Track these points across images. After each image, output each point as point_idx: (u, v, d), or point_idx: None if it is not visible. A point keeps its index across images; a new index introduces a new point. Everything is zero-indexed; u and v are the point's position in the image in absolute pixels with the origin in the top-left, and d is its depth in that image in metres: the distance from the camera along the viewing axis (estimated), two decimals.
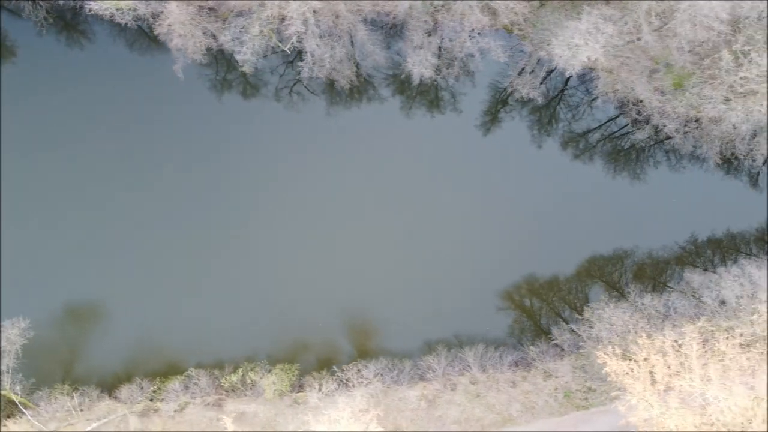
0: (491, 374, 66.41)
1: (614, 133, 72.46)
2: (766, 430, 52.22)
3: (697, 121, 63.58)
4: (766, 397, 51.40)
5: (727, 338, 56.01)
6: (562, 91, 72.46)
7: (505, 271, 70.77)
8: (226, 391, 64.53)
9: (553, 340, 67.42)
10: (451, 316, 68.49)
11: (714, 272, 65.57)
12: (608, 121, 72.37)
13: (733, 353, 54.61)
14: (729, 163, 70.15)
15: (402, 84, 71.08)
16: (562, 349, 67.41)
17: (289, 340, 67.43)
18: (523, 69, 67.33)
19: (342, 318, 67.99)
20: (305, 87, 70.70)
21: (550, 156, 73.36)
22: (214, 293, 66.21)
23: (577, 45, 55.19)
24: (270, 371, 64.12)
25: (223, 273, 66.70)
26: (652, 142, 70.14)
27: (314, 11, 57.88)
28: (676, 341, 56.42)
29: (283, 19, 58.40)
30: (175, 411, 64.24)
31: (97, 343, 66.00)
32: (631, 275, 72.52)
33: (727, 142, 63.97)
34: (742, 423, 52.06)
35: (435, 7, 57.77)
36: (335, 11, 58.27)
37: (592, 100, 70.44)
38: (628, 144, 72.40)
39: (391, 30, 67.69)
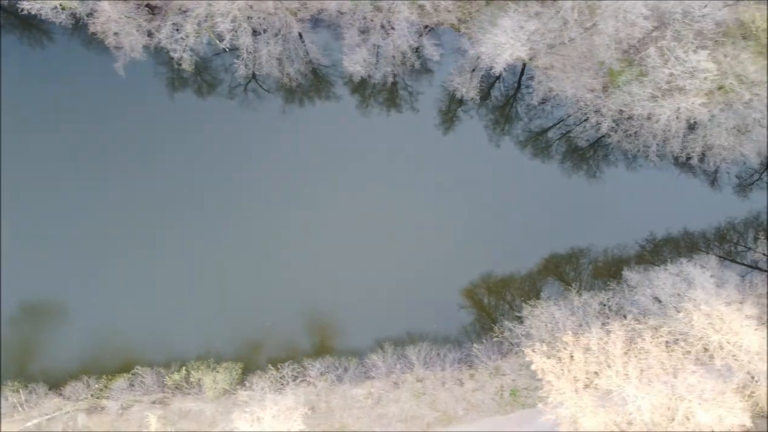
0: (438, 372, 66.45)
1: (568, 132, 72.36)
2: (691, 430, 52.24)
3: (629, 118, 63.37)
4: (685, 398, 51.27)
5: (654, 337, 55.85)
6: (518, 89, 72.39)
7: (461, 270, 70.84)
8: (172, 389, 64.78)
9: (495, 337, 67.31)
10: (405, 314, 68.74)
11: (653, 270, 65.16)
12: (560, 121, 72.50)
13: (657, 352, 54.38)
14: (688, 162, 70.30)
15: (357, 83, 70.98)
16: (510, 346, 67.30)
17: (242, 339, 67.72)
18: (462, 68, 67.20)
19: (295, 316, 68.15)
20: (259, 85, 71.03)
21: (508, 155, 73.52)
22: (167, 292, 66.74)
23: (501, 43, 55.12)
24: (214, 369, 64.23)
25: (177, 271, 67.21)
26: (593, 141, 70.17)
27: (249, 8, 58.25)
28: (601, 339, 56.32)
29: (213, 16, 58.63)
30: (123, 409, 64.64)
31: (52, 340, 66.65)
32: (582, 273, 72.70)
33: (663, 140, 63.63)
34: (662, 422, 51.98)
35: (373, 7, 57.86)
36: (267, 9, 58.48)
37: (544, 100, 70.40)
38: (582, 143, 72.44)
39: (329, 28, 67.90)
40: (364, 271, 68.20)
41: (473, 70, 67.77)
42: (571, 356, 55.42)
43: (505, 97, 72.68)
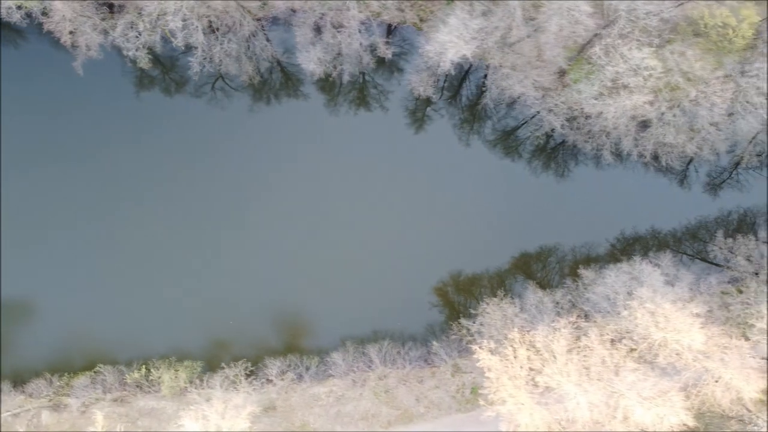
0: (400, 370, 66.49)
1: (530, 131, 72.18)
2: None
3: (587, 117, 63.25)
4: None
5: (600, 335, 55.80)
6: (483, 89, 72.30)
7: (429, 268, 71.01)
8: (132, 387, 65.20)
9: (454, 335, 67.38)
10: (370, 312, 69.03)
11: (607, 269, 64.98)
12: (521, 120, 72.40)
13: (601, 349, 54.30)
14: (656, 161, 70.40)
15: (325, 81, 71.18)
16: (468, 344, 67.26)
17: (206, 338, 68.16)
18: (418, 67, 67.28)
19: (262, 315, 68.57)
20: (227, 84, 71.42)
21: (476, 154, 73.59)
22: (134, 290, 67.11)
23: (445, 41, 55.27)
24: (175, 367, 64.59)
25: (145, 270, 67.66)
26: (557, 140, 70.25)
27: (200, 6, 58.63)
28: (547, 336, 56.30)
29: (165, 14, 59.06)
30: (85, 406, 65.16)
31: (18, 337, 67.30)
32: (550, 271, 72.77)
33: (615, 139, 63.51)
34: (602, 420, 51.93)
35: (322, 5, 58.13)
36: (217, 7, 58.87)
37: (513, 101, 70.34)
38: (545, 142, 72.43)
39: (291, 26, 68.05)
40: (330, 269, 68.44)
41: (428, 69, 67.68)
42: (515, 353, 55.36)
43: (466, 97, 72.75)
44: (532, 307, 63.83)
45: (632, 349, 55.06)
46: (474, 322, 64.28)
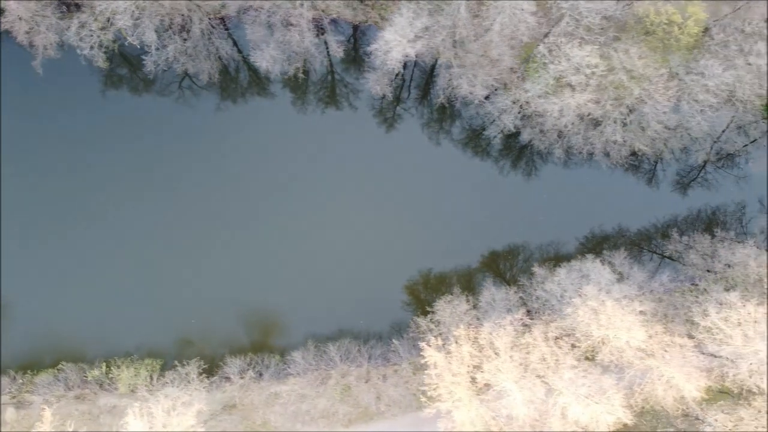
0: (362, 368, 66.74)
1: (487, 130, 72.28)
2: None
3: (541, 116, 63.26)
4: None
5: (544, 332, 55.88)
6: (438, 89, 72.34)
7: (398, 267, 71.16)
8: (93, 385, 65.63)
9: (413, 333, 67.55)
10: (337, 311, 69.08)
11: (560, 266, 65.04)
12: (482, 120, 72.46)
13: (544, 346, 54.39)
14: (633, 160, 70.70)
15: (293, 80, 71.55)
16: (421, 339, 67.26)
17: (171, 336, 68.24)
18: (375, 65, 67.39)
19: (228, 313, 68.57)
20: (194, 83, 71.87)
21: (445, 154, 73.81)
22: (102, 289, 67.55)
23: (389, 40, 55.56)
24: (135, 366, 65.01)
25: (112, 269, 68.07)
26: (511, 139, 70.36)
27: (149, 5, 59.12)
28: (491, 333, 56.37)
29: (116, 13, 59.55)
30: (48, 404, 65.38)
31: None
32: (515, 269, 72.90)
33: (566, 137, 63.54)
34: (539, 417, 52.07)
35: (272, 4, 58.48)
36: (167, 6, 59.34)
37: (469, 100, 70.23)
38: (503, 141, 72.54)
39: (241, 24, 68.36)
40: (297, 268, 68.86)
41: (384, 68, 67.79)
42: (459, 350, 55.46)
43: (424, 96, 72.91)
44: (485, 305, 64.10)
45: (574, 347, 55.12)
46: (425, 320, 64.55)
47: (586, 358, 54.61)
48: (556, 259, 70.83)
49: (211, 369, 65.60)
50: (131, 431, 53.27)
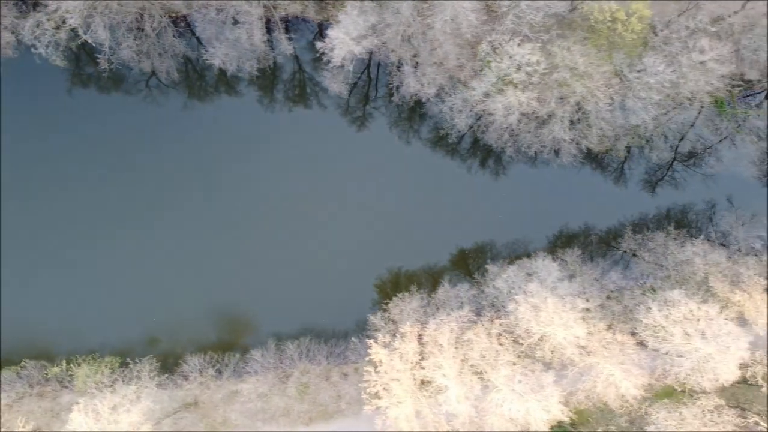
0: (323, 367, 66.93)
1: (448, 130, 72.13)
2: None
3: (491, 115, 63.19)
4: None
5: (487, 329, 55.96)
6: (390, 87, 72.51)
7: (364, 266, 71.35)
8: (54, 382, 66.09)
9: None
10: (301, 310, 69.11)
11: (511, 264, 64.99)
12: (437, 119, 72.37)
13: (487, 343, 54.45)
14: (596, 159, 70.91)
15: (258, 78, 71.87)
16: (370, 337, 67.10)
17: (137, 334, 68.46)
18: (329, 63, 67.52)
19: (194, 312, 68.65)
20: (160, 81, 72.35)
21: (414, 152, 73.90)
22: (67, 287, 68.10)
23: (333, 37, 55.86)
24: (96, 364, 65.37)
25: (81, 266, 68.46)
26: (462, 137, 70.50)
27: (100, 5, 59.70)
28: (435, 330, 56.48)
29: (69, 12, 60.07)
30: (12, 401, 66.19)
31: None
32: (481, 267, 72.83)
33: (515, 135, 63.52)
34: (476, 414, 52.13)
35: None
36: (117, 6, 59.89)
37: (424, 99, 69.94)
38: (460, 139, 72.70)
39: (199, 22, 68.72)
40: (262, 267, 69.16)
41: (341, 66, 68.02)
42: (404, 347, 55.62)
43: (381, 95, 73.13)
44: (438, 302, 64.20)
45: (516, 343, 55.14)
46: (377, 317, 64.70)
47: (527, 356, 54.60)
48: (518, 257, 70.69)
49: (174, 367, 65.92)
50: (71, 430, 53.37)
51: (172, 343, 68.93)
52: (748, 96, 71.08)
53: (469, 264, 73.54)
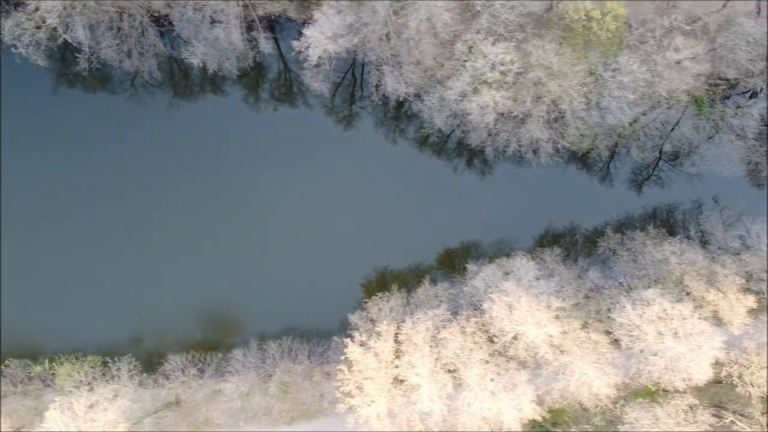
0: (305, 366, 67.04)
1: (428, 130, 72.12)
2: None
3: (469, 114, 63.16)
4: None
5: (462, 327, 55.95)
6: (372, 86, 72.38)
7: (350, 265, 71.36)
8: (37, 381, 66.33)
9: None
10: (286, 310, 69.38)
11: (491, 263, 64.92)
12: (417, 118, 72.33)
13: (461, 341, 54.43)
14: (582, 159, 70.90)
15: (247, 77, 72.29)
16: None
17: (122, 334, 68.76)
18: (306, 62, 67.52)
19: (179, 311, 68.99)
20: (146, 81, 72.55)
21: (403, 152, 73.95)
22: (57, 287, 68.26)
23: (308, 36, 56.02)
24: (79, 362, 65.58)
25: (63, 265, 68.72)
26: (444, 137, 70.53)
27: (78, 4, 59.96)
28: (411, 328, 56.45)
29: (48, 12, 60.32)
30: None
31: None
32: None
33: (492, 135, 63.51)
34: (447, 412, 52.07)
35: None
36: (94, 6, 60.15)
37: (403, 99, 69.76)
38: (455, 141, 72.72)
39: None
40: (247, 266, 69.40)
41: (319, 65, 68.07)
42: (380, 346, 55.61)
43: (360, 93, 73.24)
44: (417, 301, 64.24)
45: (491, 342, 55.08)
46: (357, 317, 64.74)
47: (500, 355, 54.56)
48: (505, 255, 70.61)
49: (157, 366, 66.12)
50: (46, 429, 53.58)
51: (155, 342, 69.19)
52: (731, 96, 70.96)
53: (455, 263, 73.53)
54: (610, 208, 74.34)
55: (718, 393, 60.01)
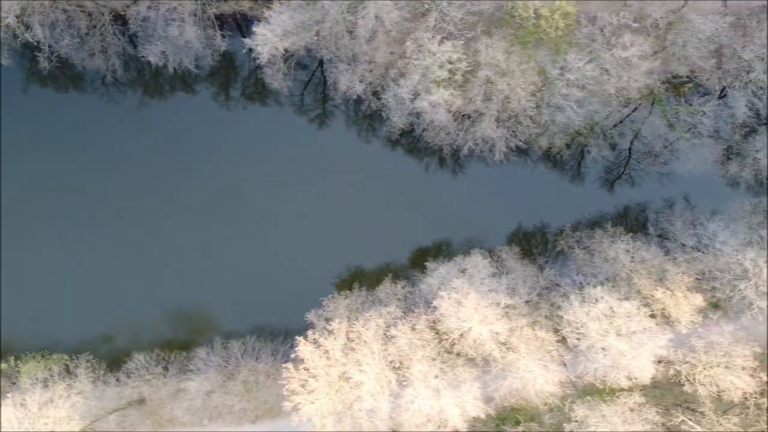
0: (270, 364, 67.20)
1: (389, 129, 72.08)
2: None
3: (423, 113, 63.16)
4: None
5: (413, 325, 56.13)
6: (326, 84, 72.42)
7: (320, 264, 71.50)
8: (5, 379, 66.81)
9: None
10: (257, 308, 69.73)
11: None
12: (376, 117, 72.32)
13: (408, 338, 54.59)
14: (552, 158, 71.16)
15: (213, 76, 72.64)
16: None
17: (91, 332, 69.24)
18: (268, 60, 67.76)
19: (148, 310, 69.34)
20: (116, 79, 72.90)
21: (368, 151, 74.25)
22: (26, 284, 68.75)
23: (257, 34, 56.30)
24: (44, 360, 66.03)
25: (31, 263, 69.19)
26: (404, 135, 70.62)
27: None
28: (363, 326, 56.57)
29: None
30: None
31: None
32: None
33: (449, 133, 63.58)
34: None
35: None
36: (49, 5, 60.53)
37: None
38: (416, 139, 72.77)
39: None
40: (218, 266, 69.71)
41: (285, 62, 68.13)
42: (331, 344, 55.77)
43: (320, 92, 73.47)
44: (376, 299, 64.38)
45: (440, 339, 55.22)
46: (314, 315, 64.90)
47: (447, 352, 54.70)
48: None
49: (122, 364, 66.29)
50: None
51: (124, 340, 69.55)
52: (697, 94, 70.56)
53: (429, 261, 73.65)
54: (584, 207, 74.59)
55: (683, 393, 59.74)
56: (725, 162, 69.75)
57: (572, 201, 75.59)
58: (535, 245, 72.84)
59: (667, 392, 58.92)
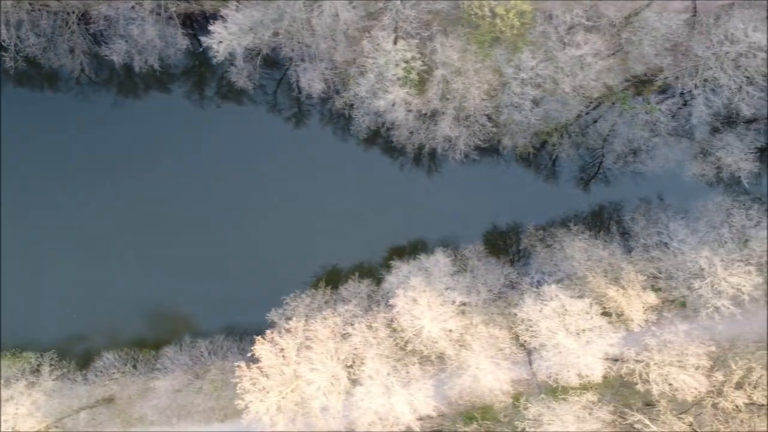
0: (230, 363, 67.18)
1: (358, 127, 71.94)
2: None
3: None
4: None
5: (370, 323, 56.28)
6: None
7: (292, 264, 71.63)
8: None
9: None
10: (231, 306, 69.77)
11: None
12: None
13: (363, 336, 54.75)
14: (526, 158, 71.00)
15: (183, 75, 73.10)
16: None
17: (62, 330, 69.64)
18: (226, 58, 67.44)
19: (123, 309, 69.60)
20: (90, 79, 73.23)
21: (340, 150, 74.22)
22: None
23: (214, 32, 56.55)
24: (12, 359, 66.35)
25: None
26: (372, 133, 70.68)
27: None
28: (320, 324, 56.74)
29: None
30: None
31: None
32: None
33: (411, 132, 63.68)
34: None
35: None
36: (9, 5, 60.91)
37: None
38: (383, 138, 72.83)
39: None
40: (192, 265, 70.06)
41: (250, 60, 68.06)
42: (286, 343, 55.95)
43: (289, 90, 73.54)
44: (339, 297, 64.55)
45: (394, 337, 55.38)
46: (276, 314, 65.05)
47: (401, 349, 54.84)
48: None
49: (91, 362, 66.84)
50: None
51: (93, 338, 69.88)
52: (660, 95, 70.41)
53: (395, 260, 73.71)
54: (560, 206, 74.38)
55: (639, 392, 59.70)
56: (691, 161, 69.60)
57: (550, 200, 75.38)
58: (503, 244, 72.81)
59: (626, 391, 58.86)
